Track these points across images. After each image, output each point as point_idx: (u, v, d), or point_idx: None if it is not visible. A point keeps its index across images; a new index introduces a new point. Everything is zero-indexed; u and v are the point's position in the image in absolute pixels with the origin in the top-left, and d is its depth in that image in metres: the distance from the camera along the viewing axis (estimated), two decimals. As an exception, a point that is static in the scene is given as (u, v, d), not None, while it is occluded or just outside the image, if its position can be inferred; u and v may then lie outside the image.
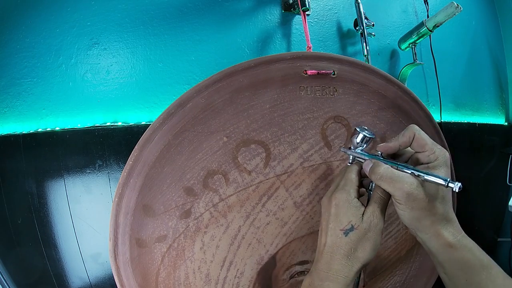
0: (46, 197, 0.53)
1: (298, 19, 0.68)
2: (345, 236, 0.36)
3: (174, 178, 0.43)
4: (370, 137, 0.41)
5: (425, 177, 0.33)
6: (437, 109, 0.87)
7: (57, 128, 0.53)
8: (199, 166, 0.44)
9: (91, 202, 0.54)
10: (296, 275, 0.52)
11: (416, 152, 0.37)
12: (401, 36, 0.78)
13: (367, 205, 0.38)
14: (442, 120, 0.86)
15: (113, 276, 0.41)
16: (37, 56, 0.53)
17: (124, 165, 0.41)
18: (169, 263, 0.44)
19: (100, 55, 0.55)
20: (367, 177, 0.39)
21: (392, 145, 0.37)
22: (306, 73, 0.47)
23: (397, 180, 0.34)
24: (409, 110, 0.54)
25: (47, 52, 0.53)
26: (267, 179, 0.48)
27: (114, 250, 0.40)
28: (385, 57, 0.80)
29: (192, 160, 0.44)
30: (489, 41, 1.06)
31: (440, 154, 0.35)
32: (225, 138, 0.45)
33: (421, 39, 0.74)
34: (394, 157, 0.40)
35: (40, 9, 0.53)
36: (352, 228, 0.36)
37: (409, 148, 0.38)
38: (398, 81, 0.53)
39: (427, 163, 0.36)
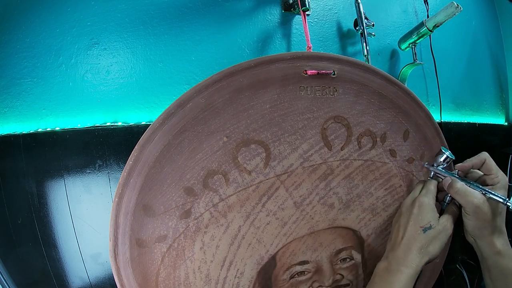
0: (46, 197, 0.53)
1: (298, 19, 0.68)
2: (423, 232, 0.45)
3: (174, 178, 0.43)
4: (451, 158, 0.51)
5: (490, 195, 0.43)
6: (437, 109, 0.87)
7: (57, 128, 0.53)
8: (199, 166, 0.44)
9: (91, 202, 0.54)
10: (296, 275, 0.52)
11: (484, 174, 0.48)
12: (401, 36, 0.78)
13: (442, 213, 0.47)
14: (442, 120, 0.86)
15: (113, 276, 0.41)
16: (37, 56, 0.53)
17: (124, 165, 0.41)
18: (169, 263, 0.44)
19: (100, 55, 0.55)
20: (441, 192, 0.50)
21: (466, 164, 0.48)
22: (306, 73, 0.47)
23: (469, 195, 0.43)
24: (409, 110, 0.54)
25: (47, 52, 0.53)
26: (267, 179, 0.48)
27: (114, 250, 0.40)
28: (385, 57, 0.80)
29: (192, 160, 0.44)
30: (489, 41, 1.06)
31: (502, 178, 0.46)
32: (225, 138, 0.45)
33: (421, 39, 0.74)
34: (465, 177, 0.49)
35: (40, 9, 0.53)
36: (430, 227, 0.45)
37: (477, 170, 0.49)
38: (398, 81, 0.53)
39: (491, 185, 0.46)
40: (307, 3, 0.61)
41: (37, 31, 0.53)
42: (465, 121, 0.94)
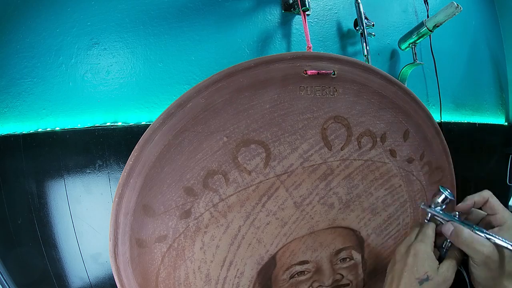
0: (46, 197, 0.53)
1: (298, 19, 0.68)
2: (420, 285, 0.39)
3: (174, 178, 0.43)
4: (450, 199, 0.44)
5: (496, 241, 0.37)
6: (437, 109, 0.87)
7: (57, 128, 0.53)
8: (199, 166, 0.44)
9: (91, 202, 0.54)
10: (296, 275, 0.52)
11: (488, 214, 0.43)
12: (401, 36, 0.78)
13: (442, 260, 0.41)
14: (442, 120, 0.86)
15: (113, 276, 0.41)
16: (37, 56, 0.53)
17: (124, 165, 0.41)
18: (169, 263, 0.44)
19: (100, 55, 0.55)
20: (439, 236, 0.44)
21: (468, 203, 0.43)
22: (306, 73, 0.47)
23: (477, 244, 0.38)
24: (409, 110, 0.54)
25: (47, 52, 0.53)
26: (267, 179, 0.48)
27: (114, 250, 0.40)
28: (385, 57, 0.80)
29: (192, 160, 0.44)
30: (489, 41, 1.06)
31: (509, 218, 0.41)
32: (225, 138, 0.45)
33: (421, 39, 0.74)
34: (466, 218, 0.44)
35: (40, 9, 0.53)
36: (427, 279, 0.39)
37: (479, 210, 0.44)
38: (398, 81, 0.53)
39: (499, 225, 0.41)
40: (307, 3, 0.61)
41: (37, 31, 0.53)
42: (465, 121, 0.94)
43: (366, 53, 0.69)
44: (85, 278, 0.55)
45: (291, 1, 0.66)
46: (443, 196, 0.44)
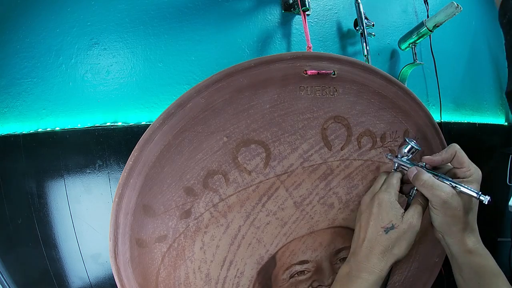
0: (46, 197, 0.53)
1: (298, 19, 0.68)
2: (386, 233, 0.40)
3: (174, 178, 0.43)
4: (416, 149, 0.45)
5: (461, 188, 0.38)
6: (437, 109, 0.87)
7: (57, 128, 0.53)
8: (199, 166, 0.44)
9: (91, 202, 0.54)
10: (296, 275, 0.52)
11: (455, 167, 0.43)
12: (401, 36, 0.78)
13: (407, 208, 0.42)
14: (442, 120, 0.86)
15: (113, 276, 0.41)
16: (37, 56, 0.53)
17: (124, 165, 0.41)
18: (169, 263, 0.44)
19: (100, 55, 0.55)
20: (407, 184, 0.45)
21: (436, 159, 0.42)
22: (306, 73, 0.47)
23: (437, 188, 0.39)
24: (409, 110, 0.54)
25: (47, 52, 0.53)
26: (267, 179, 0.48)
27: (114, 250, 0.40)
28: (385, 57, 0.81)
29: (192, 160, 0.44)
30: (489, 41, 1.06)
31: (475, 171, 0.41)
32: (225, 138, 0.45)
33: (421, 39, 0.74)
34: (434, 170, 0.44)
35: (40, 9, 0.53)
36: (392, 227, 0.40)
37: (448, 164, 0.43)
38: (398, 81, 0.53)
39: (463, 178, 0.41)
40: (307, 3, 0.61)
41: (37, 31, 0.53)
42: (465, 121, 0.94)
43: (366, 53, 0.69)
44: (85, 278, 0.55)
45: (291, 1, 0.66)
46: (409, 147, 0.45)
